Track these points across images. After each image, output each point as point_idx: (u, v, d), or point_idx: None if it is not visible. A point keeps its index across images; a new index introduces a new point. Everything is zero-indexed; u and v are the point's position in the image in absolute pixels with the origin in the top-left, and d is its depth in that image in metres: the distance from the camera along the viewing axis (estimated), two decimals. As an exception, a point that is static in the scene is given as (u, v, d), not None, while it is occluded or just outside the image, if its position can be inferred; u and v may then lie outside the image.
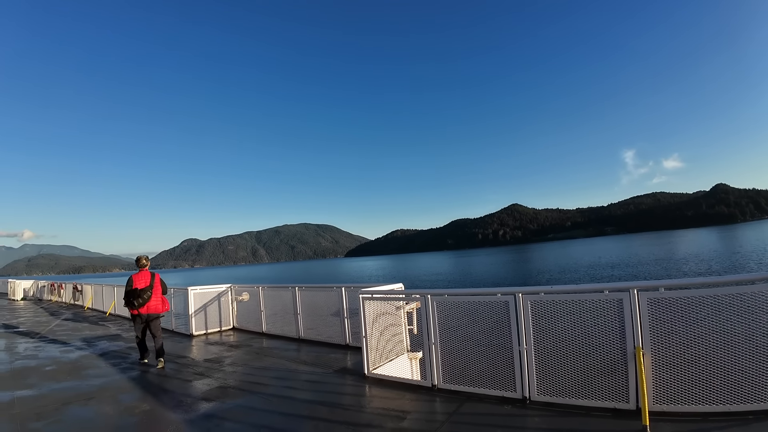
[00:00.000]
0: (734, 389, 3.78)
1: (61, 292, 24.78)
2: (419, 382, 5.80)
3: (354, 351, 7.99)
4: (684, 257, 60.46)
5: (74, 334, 12.23)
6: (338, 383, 6.23)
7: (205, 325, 11.33)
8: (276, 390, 6.05)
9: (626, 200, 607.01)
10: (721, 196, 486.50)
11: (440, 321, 5.57)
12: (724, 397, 3.82)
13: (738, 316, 3.79)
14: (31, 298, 28.62)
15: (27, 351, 9.63)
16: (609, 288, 4.47)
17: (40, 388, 6.46)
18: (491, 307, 5.13)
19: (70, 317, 16.71)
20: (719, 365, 3.84)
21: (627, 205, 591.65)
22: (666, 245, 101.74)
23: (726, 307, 3.83)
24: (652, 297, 4.12)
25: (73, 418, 5.13)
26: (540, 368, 4.71)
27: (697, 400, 3.91)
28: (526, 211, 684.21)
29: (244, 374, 6.95)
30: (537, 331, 4.76)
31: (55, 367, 7.89)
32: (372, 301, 6.49)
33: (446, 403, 5.04)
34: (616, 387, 4.24)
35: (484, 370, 5.13)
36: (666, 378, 4.03)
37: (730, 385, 3.80)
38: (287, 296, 10.04)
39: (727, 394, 3.81)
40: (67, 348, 9.95)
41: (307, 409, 5.12)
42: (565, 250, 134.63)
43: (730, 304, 3.81)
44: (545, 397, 4.65)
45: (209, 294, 11.56)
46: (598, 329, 4.40)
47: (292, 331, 9.83)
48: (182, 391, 6.11)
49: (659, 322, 4.09)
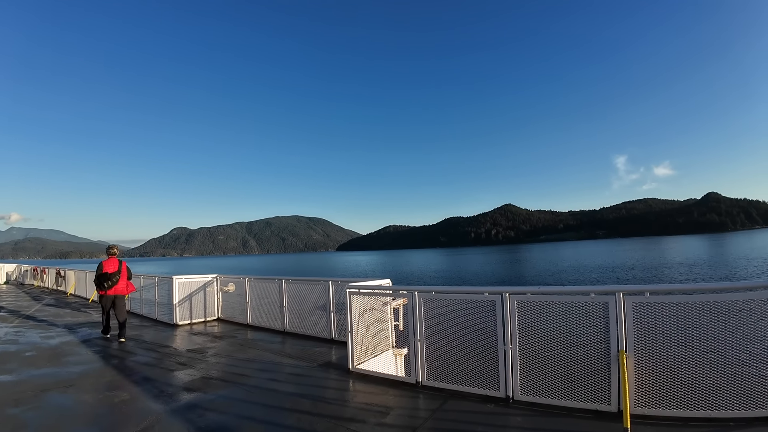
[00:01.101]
0: (716, 396, 3.86)
1: (44, 277, 24.49)
2: (403, 379, 5.83)
3: (339, 345, 8.01)
4: (672, 263, 61.36)
5: (56, 320, 12.09)
6: (322, 377, 6.24)
7: (190, 315, 11.27)
8: (259, 382, 6.05)
9: (618, 205, 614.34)
10: (713, 205, 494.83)
11: (426, 318, 5.60)
12: (705, 403, 3.89)
13: (722, 323, 3.86)
14: (14, 282, 28.26)
15: (7, 336, 9.52)
16: (595, 291, 4.53)
17: (19, 374, 6.40)
18: (478, 306, 5.17)
19: (53, 303, 16.54)
20: (701, 371, 3.91)
21: (619, 209, 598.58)
22: (656, 251, 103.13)
23: (710, 313, 3.90)
24: (638, 301, 4.19)
25: (51, 405, 5.09)
26: (524, 368, 4.77)
27: (678, 405, 3.98)
28: (519, 212, 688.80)
29: (228, 365, 6.93)
30: (523, 331, 4.81)
31: (35, 353, 7.81)
32: (359, 296, 6.50)
33: (430, 400, 5.08)
34: (598, 389, 4.30)
35: (468, 368, 5.18)
36: (648, 381, 4.11)
37: (712, 392, 3.87)
38: (274, 288, 10.02)
39: (709, 401, 3.88)
40: (48, 334, 9.84)
41: (290, 402, 5.13)
42: (556, 252, 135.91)
43: (714, 311, 3.89)
44: (528, 397, 4.71)
45: (195, 284, 11.49)
46: (583, 331, 4.46)
47: (277, 324, 9.82)
48: (164, 381, 6.08)
49: (643, 326, 4.16)
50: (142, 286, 13.24)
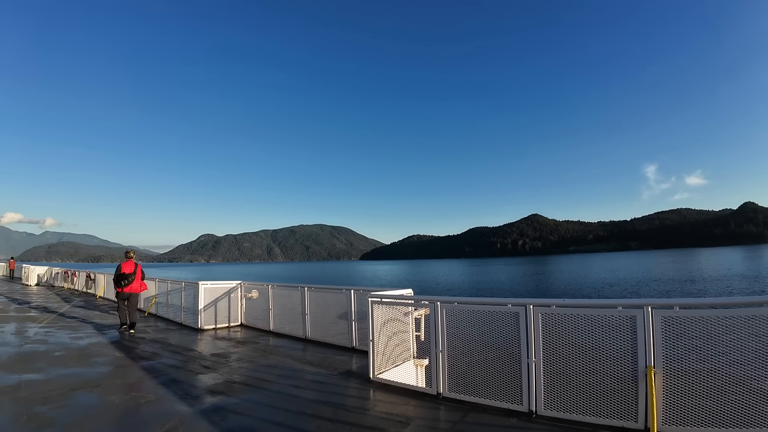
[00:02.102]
0: (747, 414, 3.74)
1: (74, 279, 25.50)
2: (424, 389, 5.85)
3: (360, 354, 8.09)
4: (708, 276, 58.90)
5: (85, 321, 12.63)
6: (343, 385, 6.32)
7: (214, 320, 11.60)
8: (281, 388, 6.17)
9: (650, 215, 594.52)
10: (750, 215, 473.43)
11: (448, 329, 5.62)
12: (736, 420, 3.77)
13: (754, 339, 3.75)
14: (45, 284, 29.50)
15: (37, 336, 9.98)
16: (622, 304, 4.46)
17: (47, 373, 6.67)
18: (501, 318, 5.16)
19: (82, 305, 17.22)
20: (733, 388, 3.80)
21: (651, 220, 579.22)
22: (692, 263, 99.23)
23: (742, 329, 3.80)
24: (666, 315, 4.11)
25: (78, 403, 5.30)
26: (548, 382, 4.72)
27: (708, 423, 3.88)
28: (546, 222, 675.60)
29: (251, 370, 7.10)
30: (547, 344, 4.77)
31: (64, 353, 8.16)
32: (381, 306, 6.57)
33: (451, 412, 5.08)
34: (625, 405, 4.23)
35: (490, 380, 5.16)
36: (677, 399, 4.01)
37: (743, 409, 3.76)
38: (296, 296, 10.20)
39: (740, 418, 3.76)
40: (76, 335, 10.29)
41: (312, 409, 5.23)
42: (587, 264, 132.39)
43: (747, 326, 3.78)
44: (552, 412, 4.65)
45: (219, 290, 11.82)
46: (609, 345, 4.40)
47: (299, 331, 9.99)
48: (189, 383, 6.28)
49: (672, 341, 4.07)
50: (168, 290, 13.69)
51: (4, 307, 15.62)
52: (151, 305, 14.66)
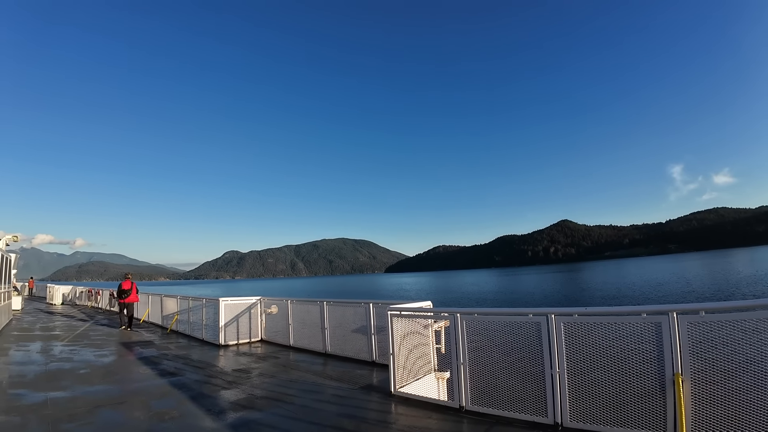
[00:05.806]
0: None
1: (98, 298, 26.44)
2: (446, 403, 5.93)
3: (380, 368, 8.21)
4: (748, 276, 56.44)
5: (109, 339, 13.15)
6: (365, 399, 6.46)
7: (236, 336, 11.95)
8: (303, 402, 6.36)
9: (687, 216, 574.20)
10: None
11: (469, 340, 5.70)
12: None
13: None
14: (69, 303, 30.66)
15: (62, 354, 10.47)
16: (647, 311, 4.48)
17: (73, 391, 7.00)
18: (523, 328, 5.22)
19: (106, 323, 17.90)
20: (764, 395, 3.76)
21: (689, 221, 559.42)
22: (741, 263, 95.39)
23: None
24: (693, 321, 4.11)
25: (104, 420, 5.56)
26: (573, 393, 4.74)
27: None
28: (577, 228, 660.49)
29: (272, 385, 7.32)
30: (570, 355, 4.80)
31: (89, 371, 8.55)
32: (400, 319, 6.70)
33: (474, 425, 5.15)
34: (652, 415, 4.23)
35: (514, 393, 5.21)
36: (706, 407, 3.99)
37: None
38: (315, 310, 10.43)
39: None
40: (101, 352, 10.75)
41: (334, 422, 5.39)
42: (622, 269, 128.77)
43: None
44: (578, 424, 4.67)
45: (240, 306, 12.17)
46: (634, 354, 4.42)
47: (318, 346, 10.19)
48: (212, 399, 6.53)
49: (700, 347, 4.06)
50: (190, 307, 14.13)
51: (30, 326, 16.41)
52: (173, 322, 15.13)
